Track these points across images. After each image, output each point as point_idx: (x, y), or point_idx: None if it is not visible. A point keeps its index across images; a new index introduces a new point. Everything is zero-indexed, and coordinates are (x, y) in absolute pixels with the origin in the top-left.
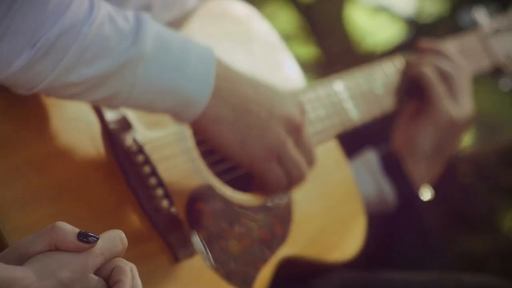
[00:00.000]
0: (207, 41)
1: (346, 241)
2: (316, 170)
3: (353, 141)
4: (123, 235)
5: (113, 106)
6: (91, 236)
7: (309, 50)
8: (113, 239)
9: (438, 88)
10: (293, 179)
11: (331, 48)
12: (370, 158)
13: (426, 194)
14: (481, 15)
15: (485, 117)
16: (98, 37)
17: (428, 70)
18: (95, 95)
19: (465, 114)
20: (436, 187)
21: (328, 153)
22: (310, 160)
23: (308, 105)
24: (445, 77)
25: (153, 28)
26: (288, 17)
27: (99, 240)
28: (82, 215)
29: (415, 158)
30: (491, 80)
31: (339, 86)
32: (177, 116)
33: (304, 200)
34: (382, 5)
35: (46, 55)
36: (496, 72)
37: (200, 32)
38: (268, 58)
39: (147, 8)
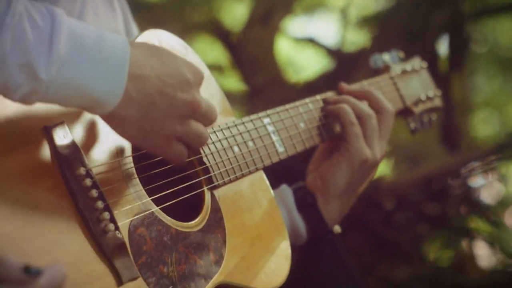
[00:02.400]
0: None
1: (273, 270)
2: (247, 201)
3: (272, 174)
4: (63, 270)
5: (29, 103)
6: (34, 269)
7: (237, 83)
8: (54, 275)
9: (355, 126)
10: (196, 147)
11: (259, 79)
12: (285, 192)
13: (337, 228)
14: (390, 59)
15: (407, 147)
16: (18, 29)
17: (346, 107)
18: (16, 94)
19: (377, 156)
20: (359, 215)
21: (257, 183)
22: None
23: (238, 137)
24: (361, 118)
25: (67, 26)
26: (217, 51)
27: (42, 276)
28: (30, 237)
29: (328, 195)
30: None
31: (266, 120)
32: (87, 110)
33: (236, 228)
34: (308, 36)
35: None
36: (406, 112)
37: None
38: (202, 90)
39: None
